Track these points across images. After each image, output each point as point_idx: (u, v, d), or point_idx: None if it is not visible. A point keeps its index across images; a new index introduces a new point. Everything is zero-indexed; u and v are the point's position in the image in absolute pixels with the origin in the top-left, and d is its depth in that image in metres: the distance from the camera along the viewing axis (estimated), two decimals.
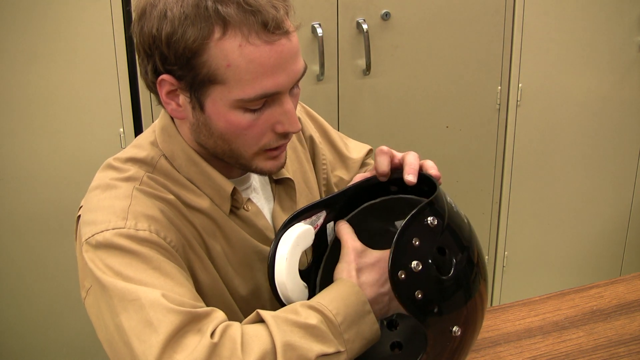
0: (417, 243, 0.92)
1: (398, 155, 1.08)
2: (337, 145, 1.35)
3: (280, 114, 0.99)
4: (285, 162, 1.07)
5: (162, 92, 0.99)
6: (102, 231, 0.95)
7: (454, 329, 0.95)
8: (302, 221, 1.05)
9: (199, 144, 1.05)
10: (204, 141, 1.02)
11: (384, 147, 1.07)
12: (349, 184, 1.10)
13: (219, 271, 1.08)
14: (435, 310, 0.93)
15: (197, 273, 1.04)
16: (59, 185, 1.91)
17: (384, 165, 1.06)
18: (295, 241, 1.00)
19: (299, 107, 1.31)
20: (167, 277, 0.93)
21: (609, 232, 2.66)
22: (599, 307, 1.32)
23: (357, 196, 1.10)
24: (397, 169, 1.07)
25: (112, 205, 0.99)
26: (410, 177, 1.03)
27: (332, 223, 1.09)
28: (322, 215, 1.07)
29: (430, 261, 0.92)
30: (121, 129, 1.93)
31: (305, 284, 1.02)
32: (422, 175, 1.04)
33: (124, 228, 0.95)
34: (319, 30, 1.98)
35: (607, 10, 2.32)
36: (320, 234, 1.07)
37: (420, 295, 0.91)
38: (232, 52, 0.92)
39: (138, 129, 1.94)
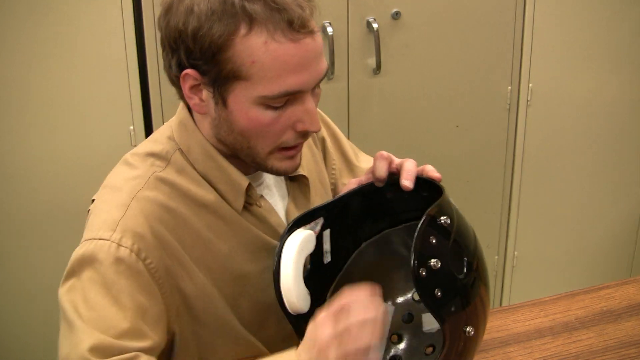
0: (434, 241, 0.93)
1: (396, 160, 1.08)
2: (347, 153, 1.36)
3: (302, 112, 0.99)
4: (300, 163, 1.07)
5: (186, 86, 1.00)
6: (92, 239, 0.99)
7: (467, 329, 0.95)
8: (303, 227, 1.05)
9: (218, 140, 1.05)
10: (224, 137, 1.03)
11: (384, 152, 1.08)
12: (344, 190, 1.11)
13: (222, 274, 1.08)
14: (453, 309, 0.93)
15: (183, 288, 1.04)
16: (69, 182, 1.91)
17: (382, 170, 1.07)
18: (300, 246, 1.00)
19: None
20: (120, 309, 0.95)
21: (619, 233, 2.65)
22: (609, 308, 1.31)
23: (352, 201, 1.11)
24: (393, 174, 1.08)
25: (109, 211, 1.01)
26: (407, 182, 1.04)
27: (328, 230, 1.09)
28: (320, 221, 1.08)
29: (447, 260, 0.93)
30: (131, 127, 1.93)
31: (308, 290, 1.03)
32: (424, 180, 1.05)
33: (108, 240, 0.97)
34: (329, 29, 1.98)
35: (617, 10, 2.31)
36: (317, 240, 1.08)
37: (439, 293, 0.91)
38: (257, 48, 0.93)
39: (148, 127, 1.94)
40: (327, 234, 1.09)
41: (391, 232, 1.16)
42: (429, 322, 1.13)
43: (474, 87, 2.24)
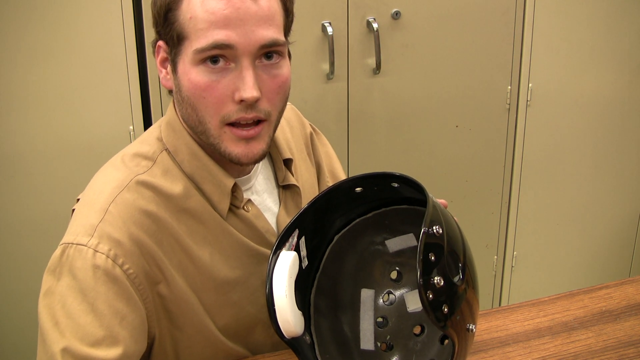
0: (433, 258, 0.91)
1: None
2: (340, 175, 1.36)
3: (239, 80, 0.99)
4: (261, 155, 1.05)
5: (158, 59, 1.05)
6: (70, 243, 0.99)
7: (470, 327, 0.96)
8: (284, 248, 1.04)
9: (189, 127, 1.06)
10: (182, 113, 1.05)
11: None
12: (315, 196, 1.11)
13: (204, 282, 1.07)
14: (458, 317, 0.93)
15: (162, 292, 1.04)
16: (67, 181, 1.91)
17: None
18: (289, 274, 1.00)
19: (309, 129, 1.32)
20: (96, 316, 0.95)
21: (619, 233, 2.65)
22: (608, 308, 1.31)
23: (325, 205, 1.10)
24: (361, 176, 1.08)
25: (88, 216, 1.02)
26: None
27: (303, 238, 1.09)
28: (296, 234, 1.07)
29: (446, 271, 0.92)
30: (131, 127, 1.93)
31: (301, 313, 1.03)
32: (396, 176, 1.04)
33: (85, 246, 0.98)
34: (329, 29, 1.98)
35: (618, 10, 2.31)
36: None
37: (446, 310, 0.91)
38: (195, 5, 0.98)
39: (148, 127, 1.94)
40: (302, 241, 1.09)
41: (362, 222, 1.16)
42: (413, 302, 1.13)
43: (474, 87, 2.24)
